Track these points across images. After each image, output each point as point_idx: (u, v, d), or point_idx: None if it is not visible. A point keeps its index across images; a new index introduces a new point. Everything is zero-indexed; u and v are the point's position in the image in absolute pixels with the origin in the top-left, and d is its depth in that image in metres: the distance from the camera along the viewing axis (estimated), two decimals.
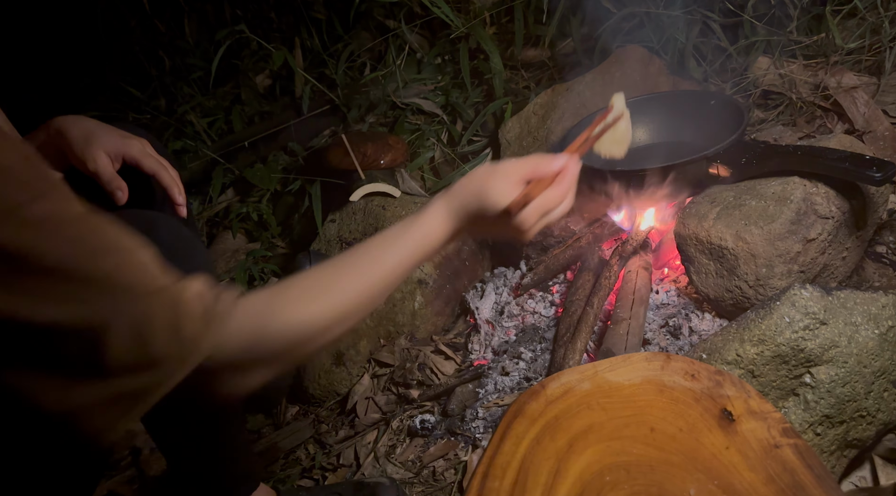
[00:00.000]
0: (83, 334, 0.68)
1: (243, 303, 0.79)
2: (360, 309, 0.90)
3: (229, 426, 1.33)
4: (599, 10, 2.26)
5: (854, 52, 2.01)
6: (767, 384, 1.27)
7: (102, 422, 0.72)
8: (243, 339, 0.78)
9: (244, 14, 2.95)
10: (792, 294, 1.28)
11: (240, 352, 0.78)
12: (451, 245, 1.05)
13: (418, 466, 1.60)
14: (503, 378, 1.67)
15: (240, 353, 0.78)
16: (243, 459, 1.39)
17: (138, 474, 1.87)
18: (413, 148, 2.40)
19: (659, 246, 1.79)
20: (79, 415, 0.71)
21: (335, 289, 0.87)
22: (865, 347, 1.26)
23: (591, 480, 1.09)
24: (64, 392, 0.69)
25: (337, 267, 0.90)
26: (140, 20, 3.05)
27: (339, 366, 1.89)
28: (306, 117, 2.69)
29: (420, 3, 2.49)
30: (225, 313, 0.76)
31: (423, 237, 0.96)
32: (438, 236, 0.97)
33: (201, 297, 0.75)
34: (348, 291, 0.88)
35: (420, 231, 0.96)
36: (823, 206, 1.46)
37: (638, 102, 1.93)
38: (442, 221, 0.97)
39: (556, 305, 1.83)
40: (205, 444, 1.31)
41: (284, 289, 0.85)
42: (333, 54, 2.76)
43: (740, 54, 2.12)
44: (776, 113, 2.03)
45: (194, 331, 0.73)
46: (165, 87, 3.00)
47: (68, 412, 0.70)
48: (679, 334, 1.57)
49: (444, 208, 0.98)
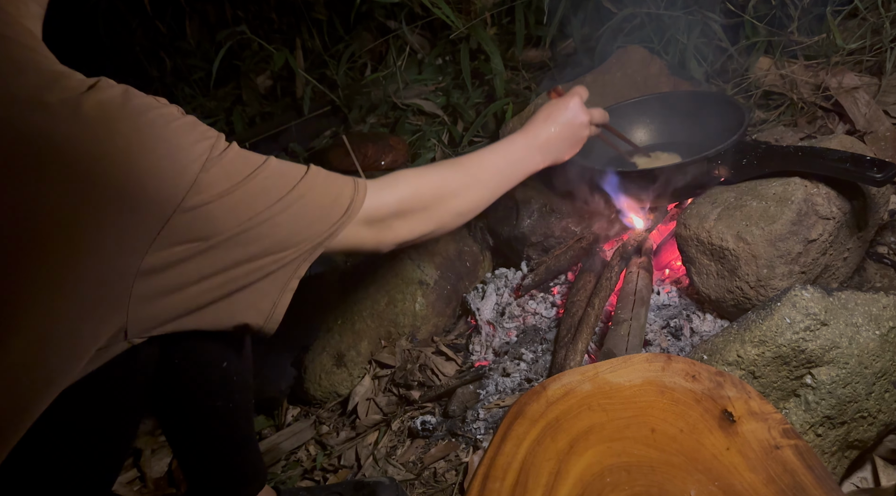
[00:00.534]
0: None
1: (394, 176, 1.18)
2: (478, 183, 1.26)
3: (241, 423, 1.34)
4: (600, 11, 2.26)
5: (855, 53, 2.01)
6: (768, 385, 1.27)
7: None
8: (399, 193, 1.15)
9: (245, 15, 2.96)
10: (793, 295, 1.28)
11: (399, 200, 1.15)
12: (536, 160, 1.38)
13: (419, 467, 1.60)
14: (504, 379, 1.67)
15: (400, 202, 1.15)
16: (252, 458, 1.40)
17: (140, 475, 1.87)
18: (414, 149, 2.41)
19: (660, 247, 1.79)
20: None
21: (456, 166, 1.26)
22: (866, 348, 1.26)
23: (592, 481, 1.09)
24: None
25: (456, 159, 1.29)
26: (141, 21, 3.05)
27: (339, 367, 1.89)
28: (307, 118, 2.69)
29: (421, 4, 2.49)
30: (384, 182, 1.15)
31: (509, 148, 1.35)
32: (519, 144, 1.36)
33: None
34: (467, 166, 1.27)
35: (507, 145, 1.36)
36: (824, 206, 1.46)
37: (638, 103, 1.93)
38: (518, 139, 1.37)
39: (557, 306, 1.83)
40: (217, 441, 1.32)
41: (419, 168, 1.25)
42: (334, 55, 2.76)
43: (741, 55, 2.12)
44: (777, 113, 2.03)
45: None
46: (166, 88, 3.00)
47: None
48: (680, 335, 1.57)
49: (519, 133, 1.39)
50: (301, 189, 1.02)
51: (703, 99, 1.90)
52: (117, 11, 3.04)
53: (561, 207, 1.94)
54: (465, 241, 2.09)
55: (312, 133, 2.70)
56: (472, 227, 2.11)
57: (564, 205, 1.93)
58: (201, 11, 3.04)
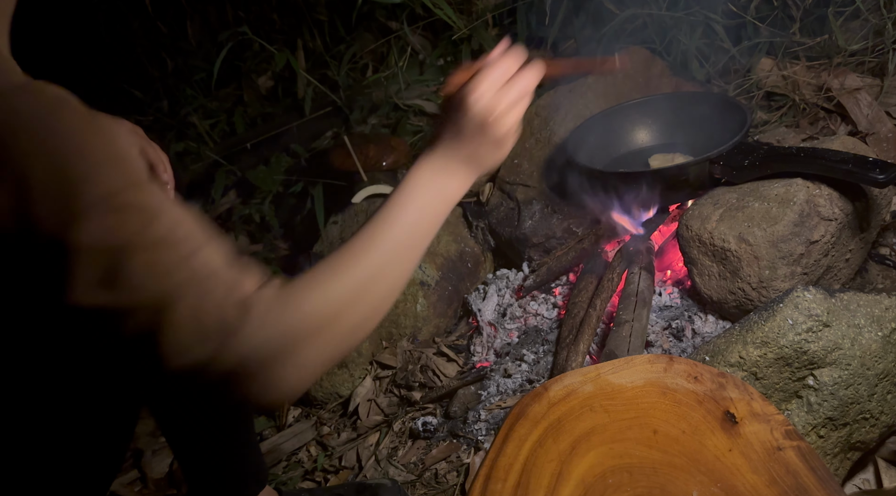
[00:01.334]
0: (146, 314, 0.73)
1: (266, 292, 0.78)
2: (380, 278, 0.87)
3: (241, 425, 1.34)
4: (602, 12, 2.26)
5: (857, 54, 2.01)
6: (770, 386, 1.27)
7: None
8: (271, 327, 0.77)
9: (246, 16, 2.96)
10: (795, 296, 1.27)
11: (273, 338, 0.76)
12: (453, 185, 0.95)
13: (420, 468, 1.60)
14: (505, 380, 1.67)
15: (273, 339, 0.76)
16: (253, 458, 1.39)
17: (140, 476, 1.87)
18: (415, 149, 2.40)
19: (662, 248, 1.79)
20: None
21: (347, 263, 0.85)
22: (869, 349, 1.26)
23: (594, 483, 1.09)
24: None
25: (342, 248, 0.87)
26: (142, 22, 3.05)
27: (341, 368, 1.89)
28: (308, 119, 2.69)
29: (422, 5, 2.49)
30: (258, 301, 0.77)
31: (413, 187, 0.93)
32: (424, 175, 0.94)
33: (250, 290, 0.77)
34: (363, 263, 0.85)
35: (409, 184, 0.93)
36: (826, 207, 1.45)
37: (640, 104, 1.93)
38: (423, 165, 0.94)
39: (558, 307, 1.83)
40: (217, 442, 1.32)
41: (298, 278, 0.83)
42: (336, 56, 2.76)
43: (743, 56, 2.12)
44: (779, 114, 2.03)
45: (235, 317, 0.75)
46: (168, 89, 3.01)
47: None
48: (682, 336, 1.57)
49: (422, 157, 0.95)
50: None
51: (705, 100, 1.90)
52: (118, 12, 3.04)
53: (562, 208, 1.94)
54: (466, 241, 2.09)
55: (314, 134, 2.70)
56: (474, 228, 2.11)
57: (566, 205, 1.93)
58: (202, 12, 3.04)
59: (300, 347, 0.78)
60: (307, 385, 0.81)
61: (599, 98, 2.06)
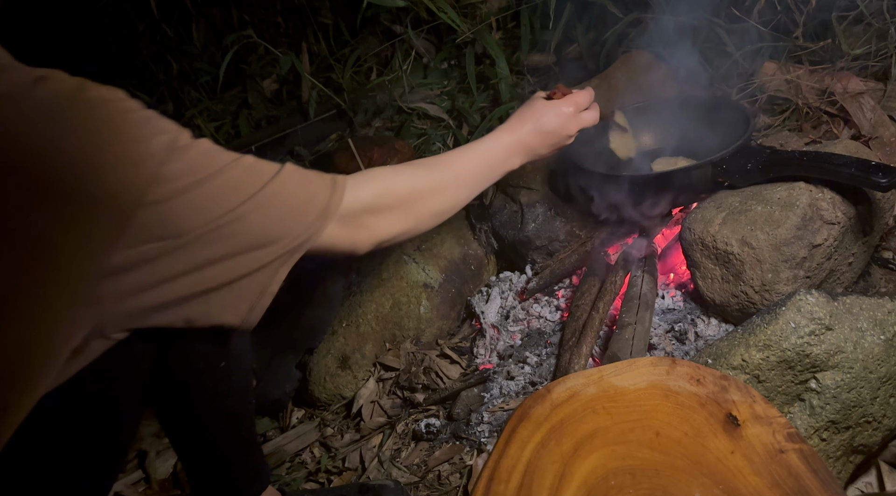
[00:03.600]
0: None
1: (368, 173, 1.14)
2: (457, 183, 1.22)
3: (242, 424, 1.34)
4: (605, 16, 2.27)
5: (860, 58, 2.01)
6: (773, 389, 1.27)
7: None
8: (371, 190, 1.10)
9: (251, 19, 2.97)
10: (798, 299, 1.28)
11: (373, 196, 1.09)
12: (514, 162, 1.31)
13: (423, 470, 1.60)
14: (508, 382, 1.67)
15: (373, 197, 1.09)
16: (255, 458, 1.40)
17: (144, 477, 1.87)
18: (419, 152, 2.41)
19: (665, 251, 1.79)
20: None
21: (435, 165, 1.22)
22: (871, 353, 1.26)
23: (597, 484, 1.10)
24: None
25: (423, 161, 1.24)
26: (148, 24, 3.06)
27: (344, 369, 1.90)
28: (313, 122, 2.70)
29: (426, 9, 2.50)
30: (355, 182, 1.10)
31: (490, 149, 1.28)
32: (501, 145, 1.28)
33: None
34: (446, 165, 1.22)
35: (489, 145, 1.28)
36: (829, 211, 1.46)
37: (643, 107, 1.93)
38: (503, 138, 1.29)
39: (561, 310, 1.83)
40: (220, 444, 1.32)
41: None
42: (340, 59, 2.77)
43: (746, 59, 2.13)
44: (782, 118, 2.03)
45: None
46: (173, 92, 3.02)
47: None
48: (685, 339, 1.57)
49: (499, 128, 1.31)
50: (273, 187, 0.98)
51: (708, 104, 1.91)
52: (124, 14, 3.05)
53: (566, 211, 1.94)
54: (469, 244, 2.10)
55: (318, 136, 2.71)
56: (477, 231, 2.12)
57: (569, 208, 1.93)
58: (208, 15, 3.05)
59: (388, 212, 1.12)
60: (387, 242, 1.13)
61: (602, 101, 2.05)
